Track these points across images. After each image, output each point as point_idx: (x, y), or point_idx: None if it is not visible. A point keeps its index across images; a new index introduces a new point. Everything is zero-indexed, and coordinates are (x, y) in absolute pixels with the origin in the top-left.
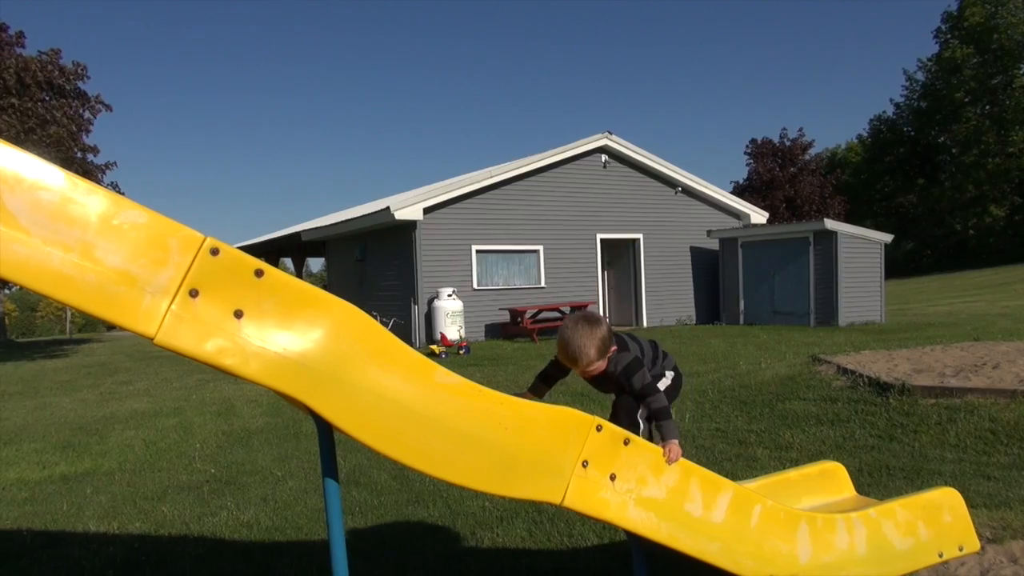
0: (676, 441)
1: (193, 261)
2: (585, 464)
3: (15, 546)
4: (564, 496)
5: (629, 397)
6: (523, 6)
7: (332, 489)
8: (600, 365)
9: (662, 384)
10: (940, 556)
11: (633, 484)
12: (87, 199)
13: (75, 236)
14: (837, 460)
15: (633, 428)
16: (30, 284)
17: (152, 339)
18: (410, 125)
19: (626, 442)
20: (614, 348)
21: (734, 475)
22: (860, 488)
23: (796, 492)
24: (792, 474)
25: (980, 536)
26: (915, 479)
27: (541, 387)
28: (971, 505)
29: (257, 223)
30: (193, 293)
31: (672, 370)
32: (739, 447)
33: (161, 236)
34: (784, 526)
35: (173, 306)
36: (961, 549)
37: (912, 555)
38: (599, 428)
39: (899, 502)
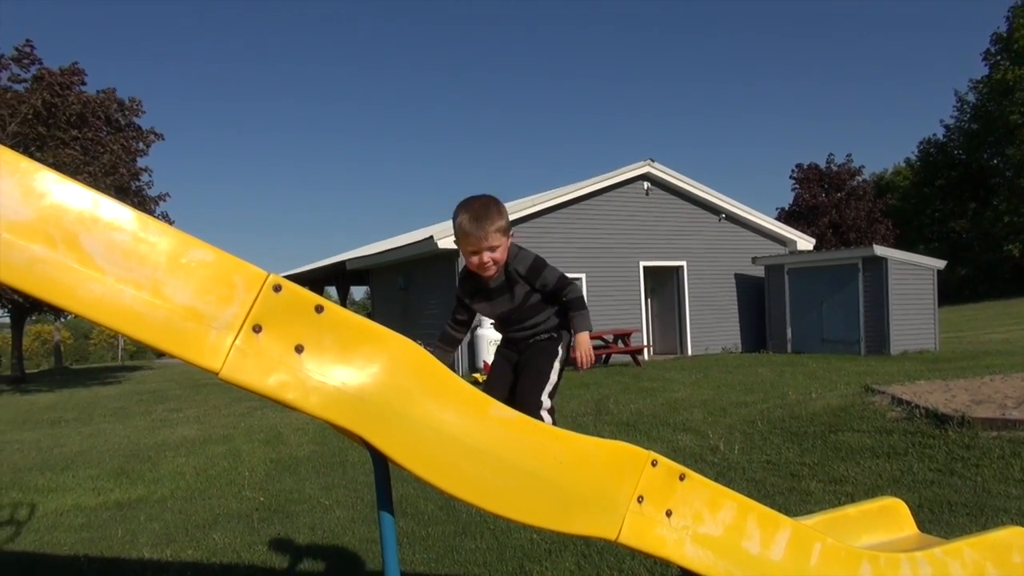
0: (587, 333)
1: (257, 297)
2: (640, 500)
3: (73, 572)
4: (619, 532)
5: (530, 373)
6: (567, 38)
7: (387, 522)
8: (503, 247)
9: (555, 370)
10: None
11: (689, 520)
12: (157, 239)
13: (146, 274)
14: (895, 494)
15: (534, 409)
16: (104, 321)
17: (217, 374)
18: (453, 156)
19: (682, 477)
20: (512, 236)
21: (788, 510)
22: (921, 525)
23: (855, 529)
24: (851, 510)
25: None
26: (979, 516)
27: (454, 342)
28: None
29: (304, 253)
30: (256, 329)
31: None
32: (792, 480)
33: (226, 273)
34: (845, 565)
35: (237, 341)
36: None
37: None
38: (654, 463)
39: (966, 541)
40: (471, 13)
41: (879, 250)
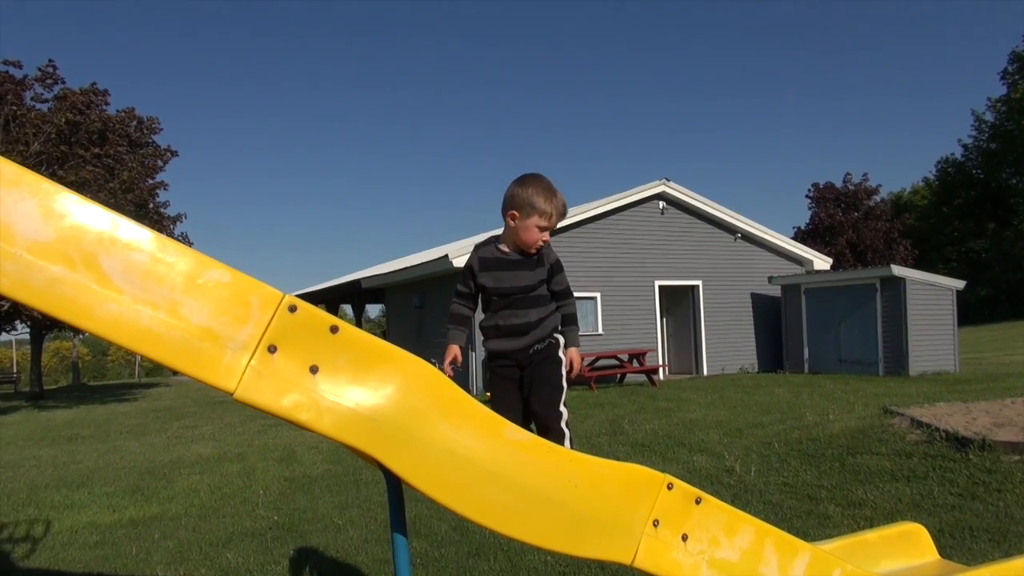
0: (577, 349)
1: (272, 318)
2: (656, 523)
3: None
4: (635, 557)
5: (546, 389)
6: (581, 55)
7: (401, 544)
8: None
9: (564, 378)
10: None
11: (706, 545)
12: (175, 259)
13: (163, 295)
14: (915, 519)
15: (555, 422)
16: (121, 341)
17: (232, 394)
18: (467, 175)
19: (698, 501)
20: None
21: (806, 534)
22: (942, 551)
23: (875, 555)
24: (870, 535)
25: None
26: (1001, 542)
27: (466, 320)
28: None
29: (320, 271)
30: (272, 349)
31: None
32: (809, 503)
33: (243, 294)
34: None
35: (252, 362)
36: None
37: None
38: (670, 486)
39: (988, 568)
40: (481, 31)
41: (897, 270)
